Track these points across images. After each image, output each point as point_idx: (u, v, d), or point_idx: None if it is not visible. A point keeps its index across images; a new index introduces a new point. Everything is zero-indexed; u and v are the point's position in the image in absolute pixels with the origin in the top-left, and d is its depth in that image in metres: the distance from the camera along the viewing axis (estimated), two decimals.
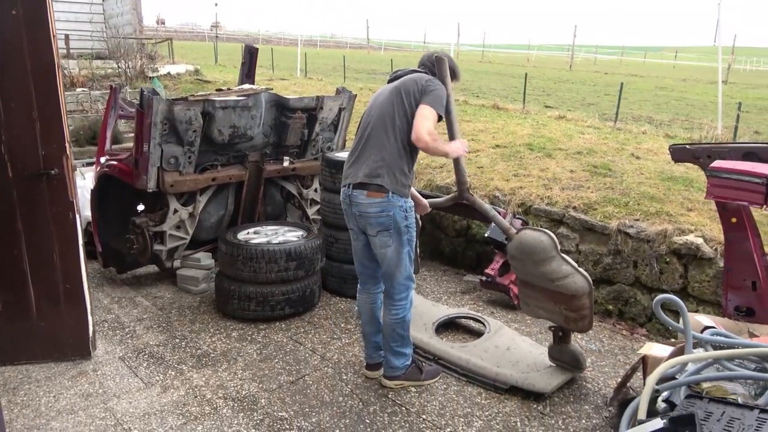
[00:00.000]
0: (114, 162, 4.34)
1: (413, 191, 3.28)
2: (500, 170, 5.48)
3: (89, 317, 3.41)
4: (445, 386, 3.25)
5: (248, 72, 5.53)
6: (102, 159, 4.70)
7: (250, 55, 5.53)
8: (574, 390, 3.23)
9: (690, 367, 2.37)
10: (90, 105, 9.47)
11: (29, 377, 3.25)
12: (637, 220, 4.26)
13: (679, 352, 2.51)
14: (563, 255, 2.95)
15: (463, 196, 3.20)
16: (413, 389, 3.20)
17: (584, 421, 2.96)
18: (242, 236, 4.14)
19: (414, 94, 2.87)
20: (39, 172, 3.14)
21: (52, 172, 3.16)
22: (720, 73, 9.07)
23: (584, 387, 3.27)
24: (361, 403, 3.07)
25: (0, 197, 3.13)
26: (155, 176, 4.03)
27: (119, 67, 11.10)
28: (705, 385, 2.25)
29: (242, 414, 2.95)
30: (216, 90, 4.65)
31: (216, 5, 21.42)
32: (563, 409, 3.06)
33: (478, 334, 3.73)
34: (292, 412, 2.98)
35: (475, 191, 5.14)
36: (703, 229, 4.01)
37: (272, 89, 4.62)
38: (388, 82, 3.07)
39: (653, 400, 2.28)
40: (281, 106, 4.47)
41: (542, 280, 3.03)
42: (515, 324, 4.03)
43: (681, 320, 2.47)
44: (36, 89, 3.05)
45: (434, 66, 3.01)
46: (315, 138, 4.77)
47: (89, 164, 6.19)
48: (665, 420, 1.85)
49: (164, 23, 46.71)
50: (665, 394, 2.31)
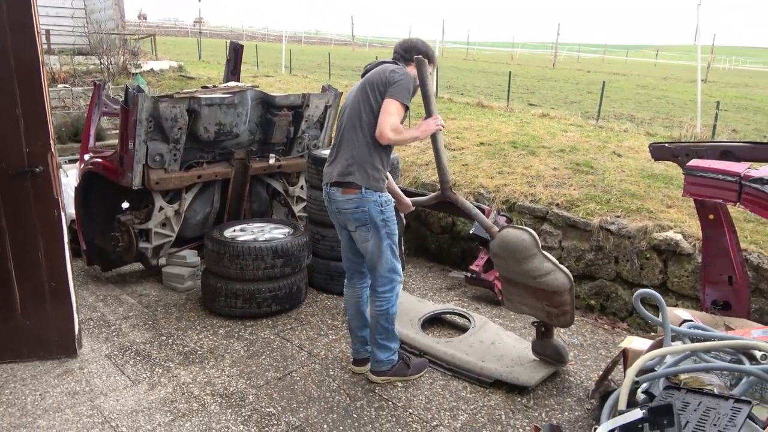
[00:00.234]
0: (98, 159, 4.32)
1: (396, 190, 3.31)
2: (485, 168, 5.54)
3: (75, 315, 3.40)
4: (431, 381, 3.30)
5: (233, 69, 5.53)
6: (86, 156, 4.67)
7: (235, 53, 5.53)
8: (557, 383, 3.30)
9: (668, 360, 2.44)
10: (72, 101, 9.36)
11: (14, 376, 3.23)
12: (619, 217, 4.34)
13: (658, 345, 2.58)
14: (545, 252, 3.01)
15: (446, 195, 3.23)
16: (399, 384, 3.24)
17: (567, 413, 3.03)
18: (229, 234, 4.14)
19: (379, 88, 2.87)
20: (23, 170, 3.12)
21: (37, 170, 3.14)
22: (699, 72, 9.22)
23: (567, 380, 3.34)
24: (348, 398, 3.10)
25: None
26: (140, 173, 4.02)
27: (101, 64, 10.97)
28: (683, 377, 2.32)
29: (230, 410, 2.97)
30: (201, 87, 4.64)
31: (199, 0, 21.17)
32: (546, 402, 3.12)
33: (464, 330, 3.79)
34: (280, 408, 3.00)
35: (461, 188, 5.19)
36: (682, 226, 4.11)
37: (258, 86, 4.62)
38: (361, 77, 3.07)
39: (633, 392, 2.34)
40: (267, 104, 4.47)
41: (524, 278, 3.09)
42: (500, 319, 4.09)
43: (660, 314, 2.54)
44: (20, 87, 3.02)
45: (405, 53, 3.00)
46: (301, 135, 4.79)
47: (72, 161, 6.14)
48: (644, 410, 1.90)
49: (146, 18, 46.16)
50: (644, 386, 2.38)
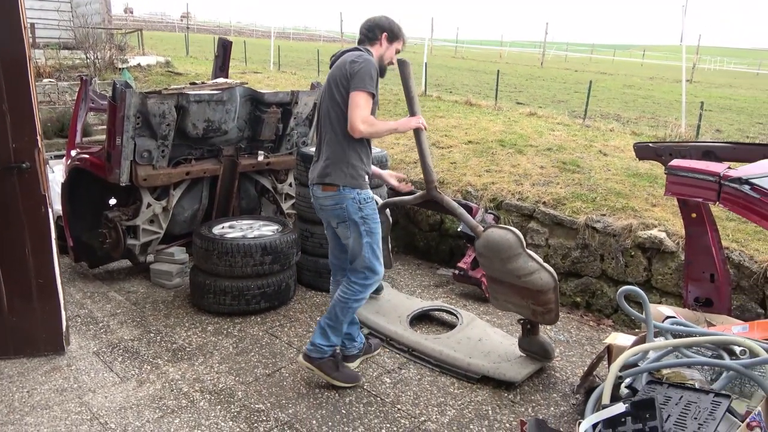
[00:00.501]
0: (86, 155, 4.29)
1: (375, 169, 3.32)
2: (473, 166, 5.58)
3: (62, 312, 3.39)
4: (420, 377, 3.34)
5: (222, 65, 5.51)
6: (73, 152, 4.64)
7: (224, 49, 5.52)
8: (544, 379, 3.35)
9: (651, 355, 2.49)
10: (57, 96, 9.26)
11: (2, 373, 3.21)
12: (604, 215, 4.40)
13: (642, 341, 2.63)
14: (529, 252, 3.03)
15: (431, 194, 3.26)
16: (388, 380, 3.27)
17: (553, 409, 3.07)
18: (217, 230, 4.14)
19: (342, 82, 2.83)
20: (10, 166, 3.10)
21: (24, 166, 3.12)
22: (684, 72, 9.34)
23: (553, 376, 3.39)
24: (337, 395, 3.12)
25: None
26: (128, 170, 3.99)
27: (87, 58, 10.85)
28: (665, 372, 2.37)
29: (219, 407, 2.98)
30: (190, 83, 4.62)
31: None
32: (533, 398, 3.17)
33: (451, 326, 3.82)
34: (269, 404, 3.02)
35: (449, 186, 5.23)
36: (666, 224, 4.17)
37: (247, 83, 4.61)
38: (330, 68, 3.01)
39: (617, 386, 2.39)
40: (256, 101, 4.47)
41: (509, 277, 3.11)
42: (487, 316, 4.14)
43: (643, 311, 2.59)
44: (6, 82, 3.00)
45: (369, 32, 2.96)
46: (290, 133, 4.79)
47: (58, 157, 6.09)
48: (627, 404, 1.95)
49: (132, 12, 45.65)
50: (628, 381, 2.43)
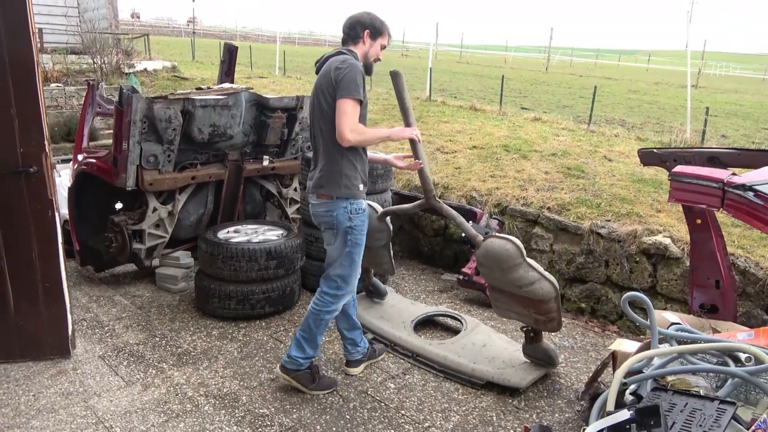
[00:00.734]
0: (92, 160, 4.32)
1: (381, 155, 3.33)
2: (477, 171, 5.59)
3: (68, 316, 3.40)
4: (424, 382, 3.33)
5: (227, 70, 5.54)
6: (80, 156, 4.67)
7: (230, 54, 5.55)
8: (548, 385, 3.34)
9: (656, 362, 2.49)
10: (65, 101, 9.32)
11: (8, 376, 3.23)
12: (609, 221, 4.40)
13: (646, 348, 2.62)
14: (530, 261, 3.00)
15: (430, 203, 3.26)
16: (392, 385, 3.27)
17: (557, 415, 3.07)
18: (222, 235, 4.16)
19: (327, 91, 2.80)
20: (17, 170, 3.12)
21: (31, 170, 3.14)
22: (689, 78, 9.33)
23: (557, 382, 3.38)
24: (342, 400, 3.13)
25: None
26: (134, 174, 4.02)
27: (94, 63, 10.93)
28: (669, 378, 2.36)
29: (224, 411, 2.99)
30: (196, 88, 4.65)
31: (193, 0, 21.15)
32: (537, 404, 3.16)
33: (456, 332, 3.82)
34: (273, 409, 3.02)
35: (453, 191, 5.23)
36: (671, 230, 4.17)
37: (252, 88, 4.64)
38: (316, 74, 2.96)
39: (621, 393, 2.38)
40: (261, 106, 4.49)
41: (510, 286, 3.10)
42: (491, 321, 4.13)
43: (648, 317, 2.58)
44: (14, 86, 3.03)
45: (350, 31, 2.91)
46: (295, 137, 4.80)
47: (65, 161, 6.12)
48: (632, 411, 1.95)
49: (139, 17, 45.94)
50: (632, 387, 2.42)
